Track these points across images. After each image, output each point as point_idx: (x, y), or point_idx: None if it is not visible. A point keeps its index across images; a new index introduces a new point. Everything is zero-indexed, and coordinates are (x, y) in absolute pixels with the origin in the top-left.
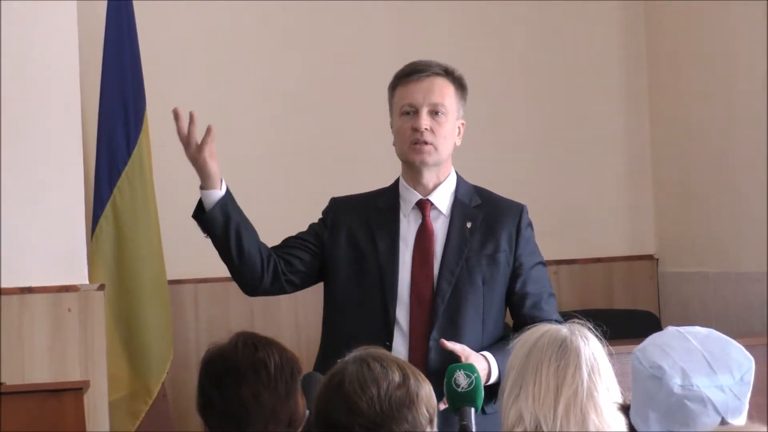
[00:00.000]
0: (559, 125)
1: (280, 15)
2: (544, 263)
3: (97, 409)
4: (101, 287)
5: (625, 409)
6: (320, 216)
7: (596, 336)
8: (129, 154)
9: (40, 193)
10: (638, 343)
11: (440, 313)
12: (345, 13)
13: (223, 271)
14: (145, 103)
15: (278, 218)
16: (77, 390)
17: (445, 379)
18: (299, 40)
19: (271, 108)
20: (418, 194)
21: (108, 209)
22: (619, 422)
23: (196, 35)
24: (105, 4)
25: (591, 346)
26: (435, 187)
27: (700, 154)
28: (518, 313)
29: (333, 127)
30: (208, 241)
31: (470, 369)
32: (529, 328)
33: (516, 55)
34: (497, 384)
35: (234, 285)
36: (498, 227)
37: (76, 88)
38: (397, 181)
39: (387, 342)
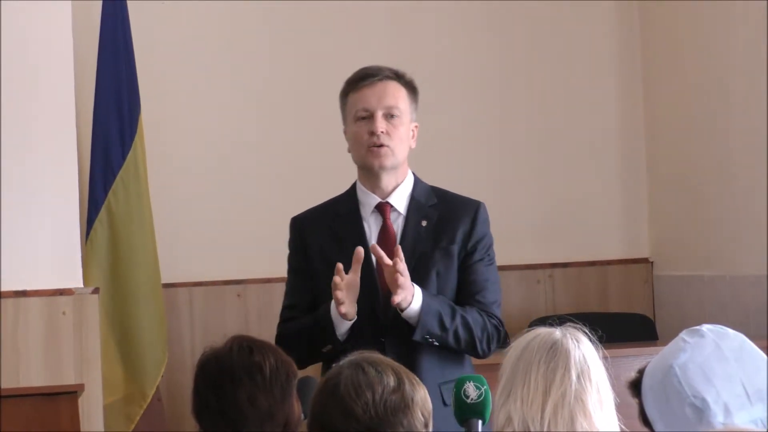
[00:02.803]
0: (553, 128)
1: (278, 17)
2: (493, 260)
3: (92, 412)
4: (96, 291)
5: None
6: (289, 244)
7: (590, 339)
8: (124, 158)
9: (35, 197)
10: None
11: (393, 309)
12: (340, 14)
13: (217, 274)
14: (140, 106)
15: (278, 219)
16: (72, 393)
17: (454, 390)
18: (298, 42)
19: (268, 109)
20: (377, 197)
21: (103, 213)
22: (611, 425)
23: (192, 37)
24: (100, 5)
25: (582, 349)
26: (393, 189)
27: (695, 157)
28: (460, 303)
29: (333, 129)
30: (203, 244)
31: (480, 381)
32: (525, 331)
33: (510, 57)
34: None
35: (229, 288)
36: (454, 222)
37: (71, 91)
38: (353, 186)
39: (381, 339)
